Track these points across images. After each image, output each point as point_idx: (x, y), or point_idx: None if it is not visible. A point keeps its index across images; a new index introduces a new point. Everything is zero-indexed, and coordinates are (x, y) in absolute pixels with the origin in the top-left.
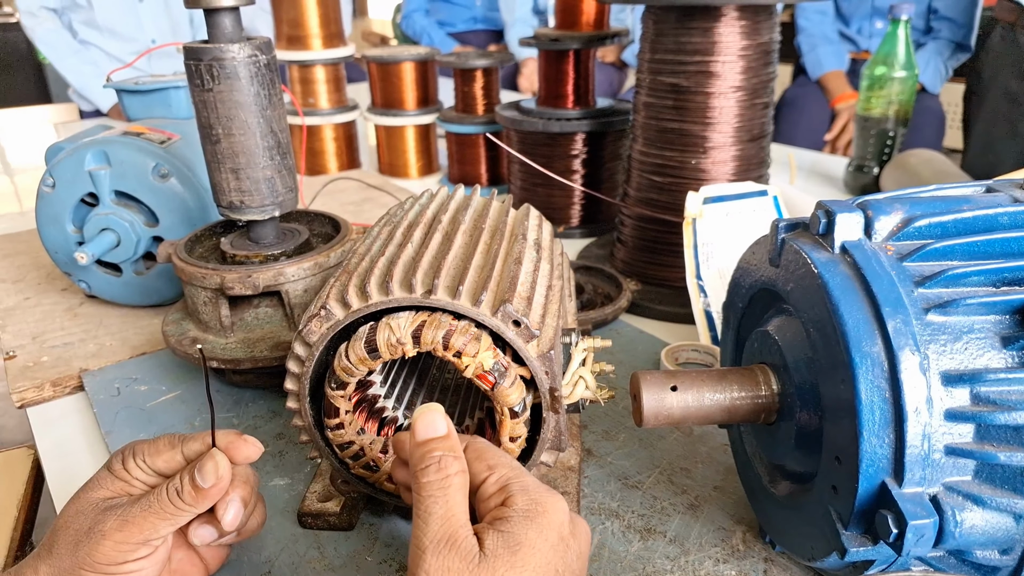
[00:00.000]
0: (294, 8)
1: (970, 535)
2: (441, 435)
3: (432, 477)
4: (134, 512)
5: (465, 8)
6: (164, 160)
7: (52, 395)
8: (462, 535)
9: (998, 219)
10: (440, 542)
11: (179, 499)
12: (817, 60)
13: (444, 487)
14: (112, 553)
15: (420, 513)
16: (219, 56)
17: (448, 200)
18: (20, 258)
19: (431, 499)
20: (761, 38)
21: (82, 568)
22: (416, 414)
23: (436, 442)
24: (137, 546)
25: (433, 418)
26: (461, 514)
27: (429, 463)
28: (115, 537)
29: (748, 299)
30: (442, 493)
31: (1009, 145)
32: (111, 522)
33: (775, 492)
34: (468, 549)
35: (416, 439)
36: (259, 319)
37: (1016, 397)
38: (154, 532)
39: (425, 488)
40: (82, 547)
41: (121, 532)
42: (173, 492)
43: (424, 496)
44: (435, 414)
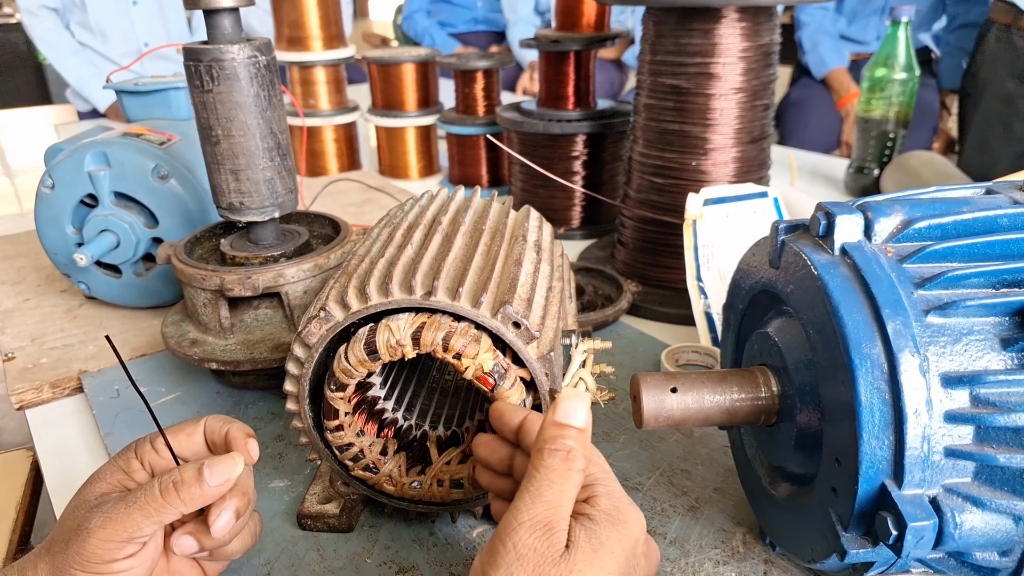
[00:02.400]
0: (295, 9)
1: (970, 537)
2: (580, 426)
3: (557, 462)
4: (119, 509)
5: (466, 9)
6: (164, 161)
7: (51, 397)
8: (560, 526)
9: (998, 221)
10: (539, 523)
11: (172, 494)
12: (820, 58)
13: (564, 476)
14: (98, 551)
15: (530, 490)
16: (219, 57)
17: (448, 201)
18: (20, 260)
19: (547, 482)
20: (761, 40)
21: (72, 566)
22: (563, 396)
23: (573, 431)
24: (122, 544)
25: (578, 407)
26: (567, 507)
27: (559, 448)
28: (99, 535)
29: (748, 301)
30: (560, 481)
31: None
32: (96, 519)
33: (775, 494)
34: (559, 539)
35: (555, 418)
36: (259, 320)
37: (1016, 399)
38: (137, 530)
39: (546, 469)
40: (72, 545)
41: (104, 530)
42: (167, 485)
43: (541, 476)
44: (582, 404)
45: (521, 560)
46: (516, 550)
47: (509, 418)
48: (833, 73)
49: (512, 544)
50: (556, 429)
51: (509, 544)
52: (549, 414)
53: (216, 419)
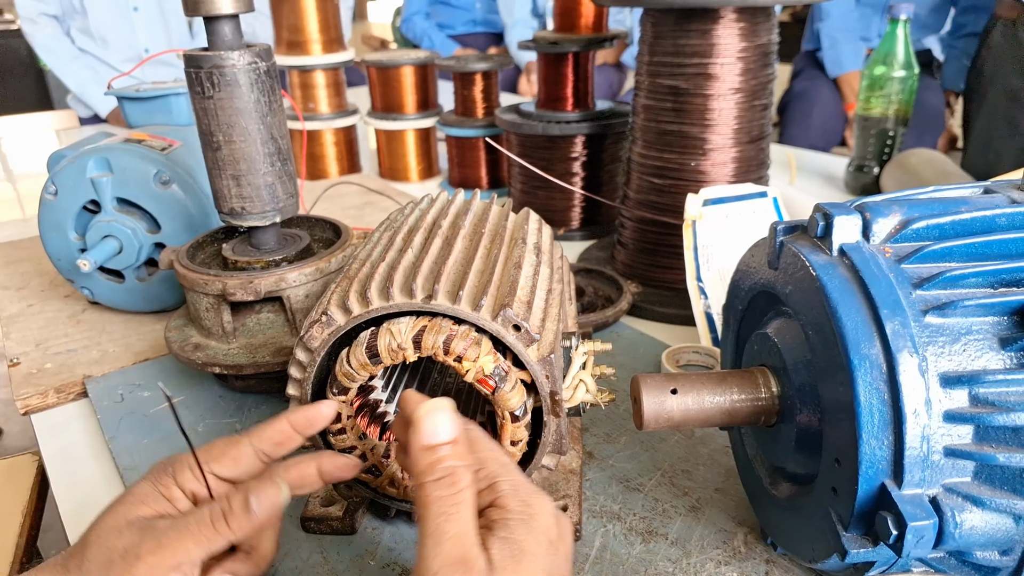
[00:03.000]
0: (294, 13)
1: (970, 536)
2: (450, 440)
3: (444, 492)
4: (170, 536)
5: (465, 11)
6: (165, 167)
7: (56, 402)
8: (474, 555)
9: (996, 220)
10: (453, 565)
11: (223, 523)
12: (837, 58)
13: (457, 503)
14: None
15: (431, 532)
16: (219, 63)
17: (448, 205)
18: (23, 265)
19: (443, 517)
20: (760, 40)
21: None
22: (421, 412)
23: (445, 449)
24: (169, 571)
25: (439, 420)
26: (473, 532)
27: (439, 475)
28: (149, 560)
29: (747, 301)
30: (455, 511)
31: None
32: (147, 544)
33: (776, 494)
34: (480, 567)
35: (422, 442)
36: (261, 325)
37: (1015, 398)
38: (187, 556)
39: (436, 504)
40: (115, 568)
41: (155, 556)
42: (218, 515)
43: (435, 514)
44: (442, 415)
45: None
46: None
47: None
48: (847, 76)
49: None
50: (427, 455)
51: None
52: (413, 439)
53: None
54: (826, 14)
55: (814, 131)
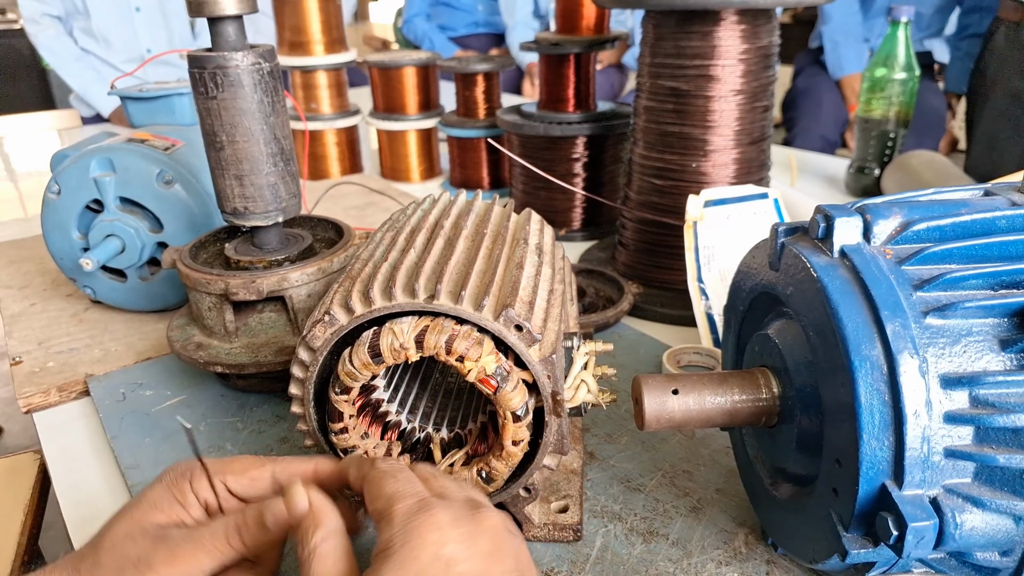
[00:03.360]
0: (296, 14)
1: (970, 537)
2: (304, 509)
3: (302, 555)
4: (185, 548)
5: (466, 12)
6: (168, 167)
7: (58, 400)
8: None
9: (996, 222)
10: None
11: (237, 538)
12: (838, 60)
13: (309, 561)
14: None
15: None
16: (223, 64)
17: (450, 205)
18: (26, 264)
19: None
20: (761, 42)
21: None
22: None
23: (305, 517)
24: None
25: (292, 497)
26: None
27: (297, 540)
28: (161, 571)
29: (749, 302)
30: (309, 565)
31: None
32: (161, 554)
33: (777, 494)
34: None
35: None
36: (263, 324)
37: (1015, 399)
38: (199, 568)
39: (303, 566)
40: (126, 574)
41: (168, 566)
42: (232, 529)
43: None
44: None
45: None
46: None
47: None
48: (848, 78)
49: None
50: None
51: None
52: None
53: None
54: (828, 17)
55: (823, 124)
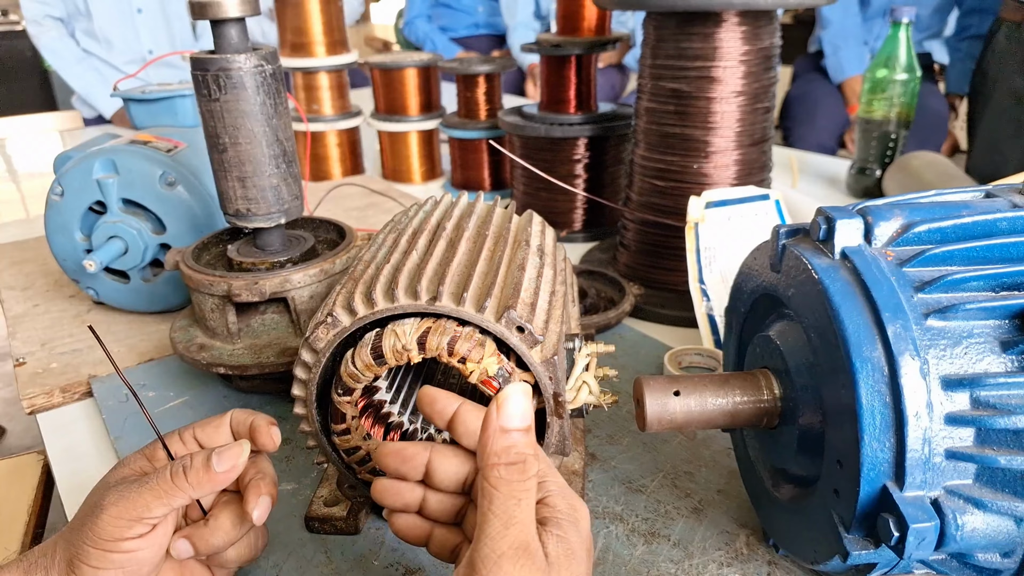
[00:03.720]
0: (298, 16)
1: (971, 538)
2: (525, 427)
3: (515, 477)
4: (132, 488)
5: (467, 14)
6: (171, 168)
7: (61, 401)
8: (536, 545)
9: (997, 224)
10: (519, 549)
11: (181, 477)
12: (839, 64)
13: (526, 491)
14: (109, 528)
15: (499, 514)
16: (225, 66)
17: (452, 207)
18: (28, 265)
19: (513, 501)
20: (762, 43)
21: (85, 543)
22: (503, 395)
23: (521, 435)
24: (131, 523)
25: (519, 405)
26: (533, 520)
27: (513, 460)
28: (111, 511)
29: (750, 304)
30: (524, 496)
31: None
32: (110, 497)
33: (778, 496)
34: (541, 557)
35: (500, 423)
36: (265, 325)
37: (1016, 401)
38: (147, 510)
39: (506, 488)
40: (87, 522)
41: (116, 507)
42: (178, 469)
43: (505, 496)
44: (522, 399)
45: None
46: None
47: (443, 406)
48: (849, 81)
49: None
50: (504, 438)
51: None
52: (492, 417)
53: (241, 412)
54: (827, 22)
55: (819, 132)
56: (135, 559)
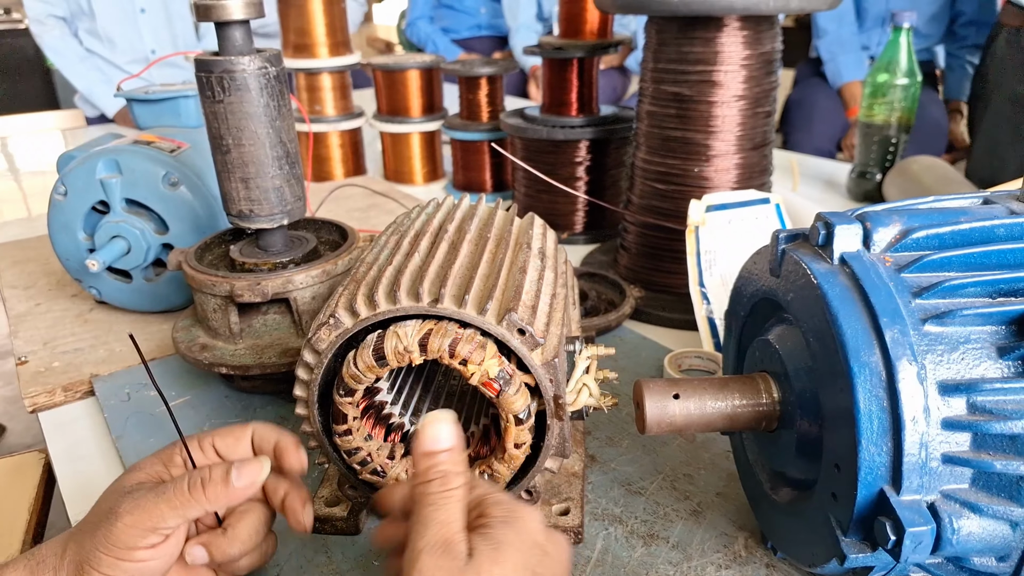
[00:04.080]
0: (301, 17)
1: (967, 542)
2: (446, 448)
3: (435, 487)
4: (148, 498)
5: (469, 15)
6: (174, 169)
7: (63, 400)
8: (457, 539)
9: (995, 231)
10: (436, 545)
11: (199, 490)
12: (837, 70)
13: (446, 497)
14: (123, 536)
15: (420, 519)
16: (230, 68)
17: (454, 209)
18: (31, 264)
19: (432, 507)
20: (763, 47)
21: (97, 549)
22: (423, 422)
23: (442, 456)
24: (146, 532)
25: (439, 431)
26: (458, 522)
27: (433, 477)
28: (126, 520)
29: (750, 308)
30: (444, 501)
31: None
32: (126, 504)
33: (776, 499)
34: (460, 551)
35: (422, 449)
36: (268, 326)
37: (1012, 406)
38: (161, 521)
39: (427, 497)
40: (100, 528)
41: (132, 516)
42: (196, 481)
43: (426, 504)
44: (441, 426)
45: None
46: (423, 574)
47: (393, 497)
48: (847, 85)
49: (418, 571)
50: (427, 459)
51: (415, 573)
52: (415, 445)
53: (264, 428)
54: (823, 32)
55: (816, 137)
56: (146, 568)
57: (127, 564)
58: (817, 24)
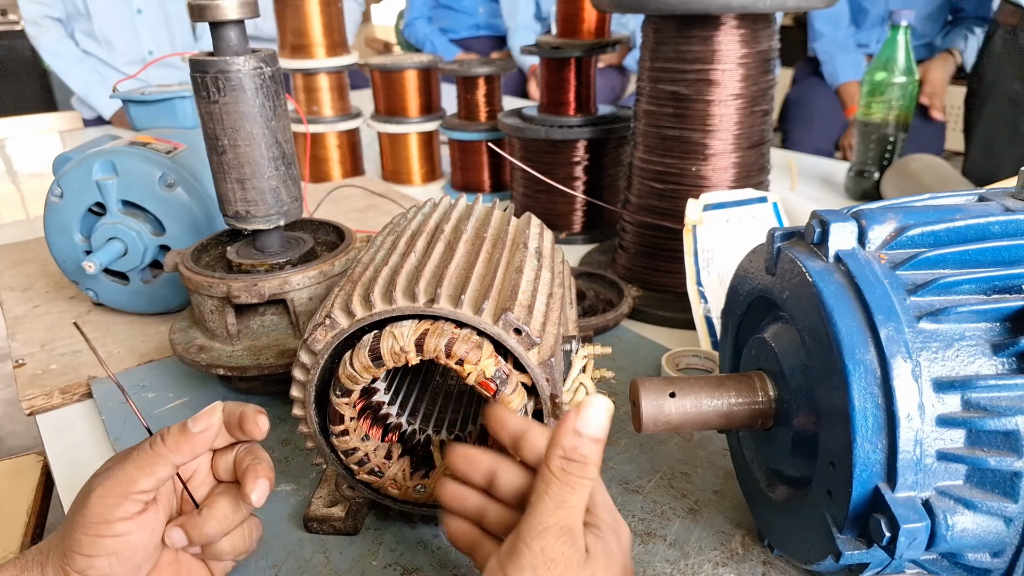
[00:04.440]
0: (298, 17)
1: (962, 538)
2: (598, 437)
3: (576, 471)
4: (114, 467)
5: (468, 15)
6: (170, 170)
7: (61, 402)
8: (580, 531)
9: (989, 228)
10: (565, 529)
11: (159, 444)
12: (834, 71)
13: (583, 484)
14: (97, 509)
15: (552, 495)
16: (224, 68)
17: (450, 209)
18: (28, 266)
19: (568, 488)
20: (760, 46)
21: (76, 531)
22: (585, 401)
23: (593, 443)
24: (119, 499)
25: (598, 416)
26: (583, 514)
27: (578, 458)
28: (97, 492)
29: (746, 306)
30: (581, 488)
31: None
32: (98, 479)
33: (773, 496)
34: (581, 545)
35: (578, 428)
36: (265, 327)
37: (1006, 403)
38: (132, 484)
39: (567, 476)
40: (78, 510)
41: (102, 487)
42: (156, 438)
43: (562, 483)
44: (602, 413)
45: (548, 564)
46: (544, 554)
47: (512, 426)
48: (845, 86)
49: (539, 548)
50: (575, 439)
51: (536, 547)
52: (571, 418)
53: (231, 404)
54: (819, 34)
55: (815, 136)
56: (127, 544)
57: (107, 540)
58: (813, 27)
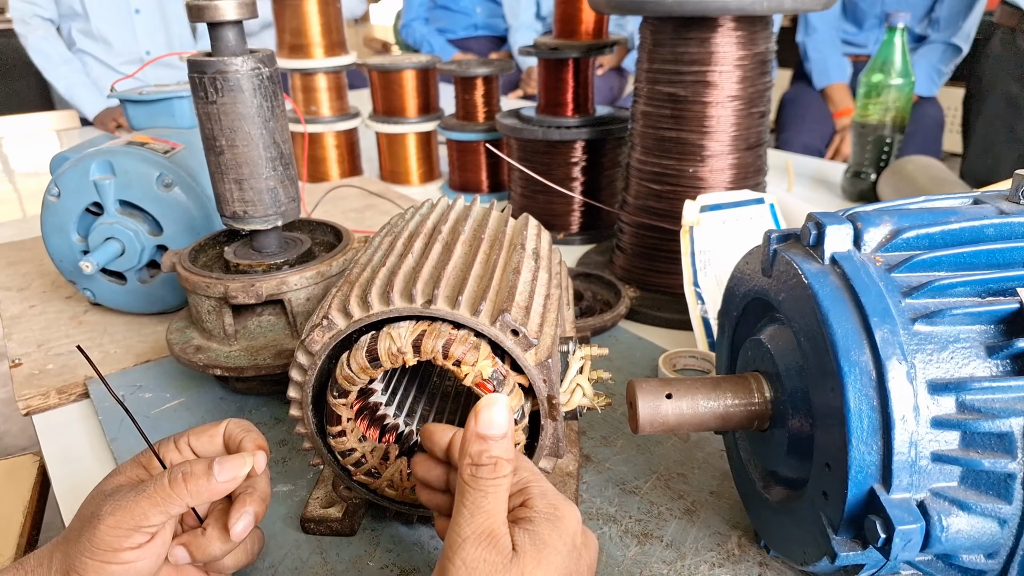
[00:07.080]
0: (296, 17)
1: (956, 539)
2: (501, 434)
3: (485, 473)
4: (129, 497)
5: (465, 15)
6: (168, 170)
7: (57, 402)
8: (502, 532)
9: (984, 231)
10: (482, 535)
11: (180, 484)
12: (826, 70)
13: (496, 485)
14: (106, 538)
15: (467, 504)
16: (222, 69)
17: (448, 210)
18: (25, 266)
19: (480, 494)
20: (757, 48)
21: (83, 554)
22: (481, 405)
23: (496, 441)
24: (129, 532)
25: (494, 414)
26: (503, 513)
27: (486, 462)
28: (108, 521)
29: (742, 308)
30: (493, 490)
31: (1008, 148)
32: (107, 507)
33: (769, 497)
34: (505, 545)
35: (477, 431)
36: (262, 327)
37: (1000, 405)
38: (144, 519)
39: (477, 483)
40: (84, 533)
41: (114, 516)
42: (176, 476)
43: (474, 489)
44: (497, 409)
45: (472, 573)
46: (466, 565)
47: (438, 438)
48: (833, 87)
49: (461, 560)
50: (479, 442)
51: (458, 561)
52: (469, 426)
53: (237, 424)
54: (813, 29)
55: (807, 136)
56: (133, 570)
57: (113, 567)
58: (808, 20)
